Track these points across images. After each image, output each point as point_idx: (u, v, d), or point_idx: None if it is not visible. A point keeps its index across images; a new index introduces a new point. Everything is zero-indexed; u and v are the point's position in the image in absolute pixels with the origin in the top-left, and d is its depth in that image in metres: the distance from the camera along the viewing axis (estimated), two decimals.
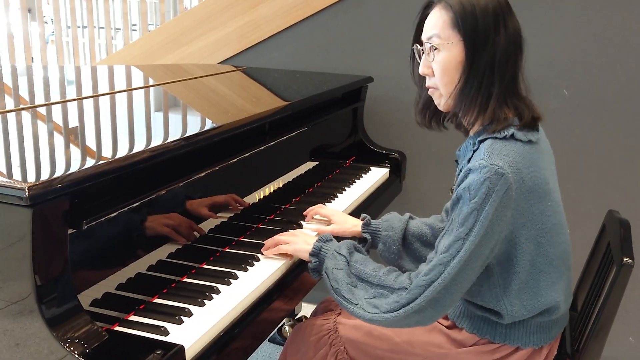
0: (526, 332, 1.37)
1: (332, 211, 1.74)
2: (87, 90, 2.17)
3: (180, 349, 1.09)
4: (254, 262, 1.48)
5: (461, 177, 1.27)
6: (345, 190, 2.05)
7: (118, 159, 1.20)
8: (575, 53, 2.25)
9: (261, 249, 1.53)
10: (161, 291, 1.32)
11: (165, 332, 1.16)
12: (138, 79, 2.44)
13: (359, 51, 2.55)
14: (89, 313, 1.11)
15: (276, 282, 1.45)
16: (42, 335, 1.03)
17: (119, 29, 4.98)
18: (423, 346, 1.44)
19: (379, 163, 2.34)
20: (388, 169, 2.32)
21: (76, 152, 1.33)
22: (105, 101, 1.87)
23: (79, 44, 4.71)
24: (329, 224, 1.70)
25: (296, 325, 1.61)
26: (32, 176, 1.10)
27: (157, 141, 1.39)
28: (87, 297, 1.19)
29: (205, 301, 1.28)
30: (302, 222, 1.75)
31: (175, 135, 1.49)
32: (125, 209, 1.22)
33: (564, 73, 2.27)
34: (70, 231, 1.09)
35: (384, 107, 2.55)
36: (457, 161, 1.45)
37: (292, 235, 1.52)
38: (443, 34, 1.29)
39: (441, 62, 1.30)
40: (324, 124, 2.18)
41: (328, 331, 1.49)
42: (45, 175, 1.09)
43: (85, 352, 1.03)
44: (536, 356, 1.40)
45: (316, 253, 1.43)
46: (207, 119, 1.76)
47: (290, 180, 1.93)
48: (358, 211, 1.78)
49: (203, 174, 1.47)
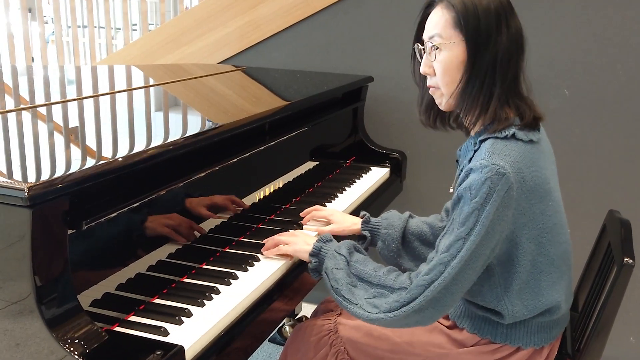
0: (527, 332, 1.37)
1: (330, 211, 1.73)
2: (88, 90, 2.17)
3: (180, 350, 1.09)
4: (254, 263, 1.48)
5: (462, 177, 1.26)
6: (345, 190, 2.05)
7: (118, 159, 1.20)
8: (575, 53, 2.25)
9: (261, 249, 1.52)
10: (161, 291, 1.32)
11: (165, 333, 1.16)
12: (138, 79, 2.43)
13: (359, 51, 2.54)
14: (89, 313, 1.11)
15: (276, 283, 1.45)
16: (42, 335, 1.03)
17: (119, 29, 4.98)
18: (424, 346, 1.43)
19: (380, 163, 2.34)
20: (388, 169, 2.31)
21: (76, 152, 1.33)
22: (105, 101, 1.87)
23: (79, 44, 4.70)
24: (329, 224, 1.70)
25: (296, 325, 1.61)
26: (32, 176, 1.09)
27: (157, 141, 1.38)
28: (87, 298, 1.19)
29: (205, 301, 1.28)
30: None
31: (175, 135, 1.49)
32: (125, 209, 1.22)
33: (564, 73, 2.27)
34: (70, 231, 1.08)
35: (384, 107, 2.55)
36: (458, 161, 1.45)
37: (292, 235, 1.52)
38: (445, 34, 1.28)
39: (442, 62, 1.30)
40: (324, 124, 2.18)
41: (328, 331, 1.49)
42: (44, 175, 1.09)
43: (85, 353, 1.03)
44: (537, 356, 1.40)
45: (316, 253, 1.42)
46: (207, 119, 1.75)
47: (290, 180, 1.93)
48: (358, 211, 1.77)
49: (203, 174, 1.47)
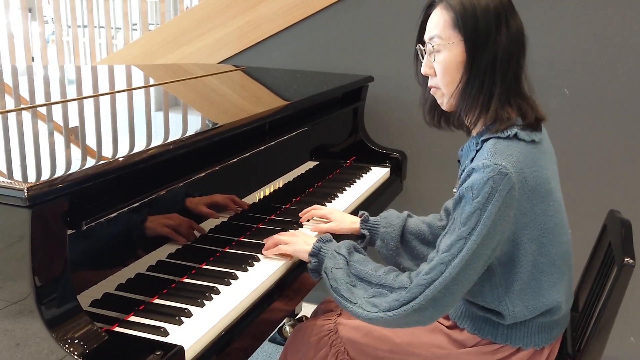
0: (527, 333, 1.37)
1: (329, 210, 1.73)
2: (88, 90, 2.17)
3: (180, 350, 1.09)
4: (254, 263, 1.48)
5: (464, 177, 1.26)
6: (345, 190, 2.04)
7: (117, 160, 1.20)
8: (575, 53, 2.25)
9: (262, 250, 1.52)
10: (161, 292, 1.32)
11: (165, 333, 1.16)
12: (138, 79, 2.43)
13: (359, 51, 2.54)
14: (89, 314, 1.10)
15: (276, 283, 1.45)
16: (42, 335, 1.02)
17: (120, 29, 4.98)
18: (424, 347, 1.43)
19: (380, 163, 2.33)
20: (388, 169, 2.31)
21: (76, 152, 1.33)
22: (105, 101, 1.86)
23: (80, 44, 4.71)
24: (328, 223, 1.70)
25: (296, 325, 1.61)
26: (32, 176, 1.09)
27: (157, 141, 1.38)
28: (87, 298, 1.19)
29: (205, 302, 1.28)
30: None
31: (175, 135, 1.49)
32: (124, 209, 1.22)
33: (565, 73, 2.27)
34: (69, 232, 1.08)
35: (385, 107, 2.54)
36: (460, 161, 1.44)
37: (292, 235, 1.52)
38: (444, 34, 1.29)
39: (442, 62, 1.30)
40: (325, 124, 2.18)
41: (328, 332, 1.49)
42: (44, 175, 1.09)
43: (84, 353, 1.03)
44: (537, 357, 1.40)
45: (316, 253, 1.42)
46: (208, 119, 1.75)
47: (290, 180, 1.93)
48: (359, 211, 1.77)
49: (203, 174, 1.47)
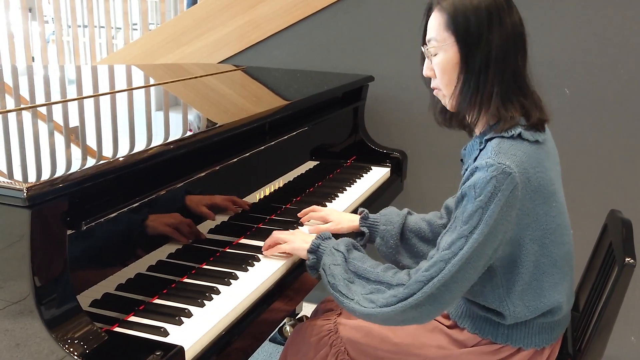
0: (528, 333, 1.37)
1: (328, 211, 1.73)
2: (88, 89, 2.17)
3: (180, 350, 1.09)
4: (254, 263, 1.48)
5: (467, 175, 1.26)
6: (346, 189, 2.04)
7: (117, 160, 1.20)
8: (575, 53, 2.24)
9: (262, 249, 1.52)
10: (161, 292, 1.32)
11: (165, 333, 1.16)
12: (138, 79, 2.43)
13: (360, 50, 2.54)
14: (89, 314, 1.10)
15: (276, 283, 1.45)
16: (43, 335, 1.02)
17: (120, 29, 4.98)
18: (424, 347, 1.43)
19: (380, 162, 2.33)
20: (389, 169, 2.31)
21: (75, 152, 1.32)
22: (105, 101, 1.86)
23: (80, 44, 4.71)
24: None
25: (296, 325, 1.60)
26: (31, 176, 1.09)
27: (157, 141, 1.38)
28: (87, 298, 1.18)
29: (205, 302, 1.28)
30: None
31: (175, 135, 1.49)
32: (124, 209, 1.22)
33: (565, 73, 2.27)
34: (69, 232, 1.08)
35: (385, 107, 2.54)
36: (463, 160, 1.44)
37: (290, 234, 1.52)
38: (439, 36, 1.30)
39: (439, 64, 1.31)
40: (325, 124, 2.18)
41: (328, 332, 1.49)
42: (44, 175, 1.08)
43: (84, 353, 1.03)
44: (538, 357, 1.39)
45: (314, 250, 1.42)
46: (208, 119, 1.75)
47: (290, 179, 1.93)
48: (360, 208, 1.77)
49: (203, 174, 1.47)
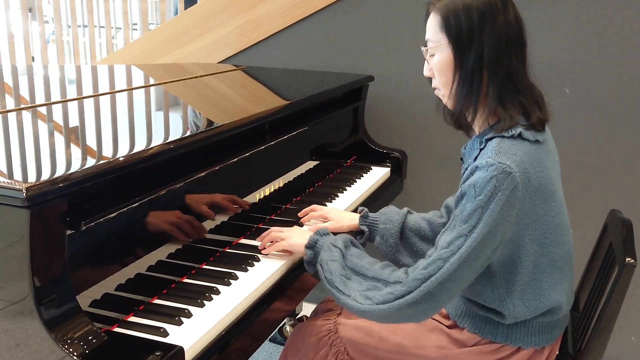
0: (528, 333, 1.37)
1: (328, 209, 1.73)
2: (88, 89, 2.17)
3: (179, 350, 1.09)
4: (254, 263, 1.48)
5: (467, 175, 1.26)
6: (346, 189, 2.04)
7: (116, 160, 1.20)
8: (576, 52, 2.24)
9: (258, 247, 1.53)
10: (161, 292, 1.31)
11: (164, 333, 1.15)
12: (138, 79, 2.43)
13: (360, 50, 2.54)
14: (88, 314, 1.10)
15: (276, 283, 1.45)
16: (43, 335, 1.02)
17: (120, 28, 4.98)
18: (424, 346, 1.43)
19: (380, 162, 2.33)
20: (389, 168, 2.31)
21: (75, 153, 1.32)
22: (105, 101, 1.86)
23: (80, 43, 4.70)
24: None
25: (296, 325, 1.60)
26: (30, 177, 1.09)
27: (157, 141, 1.38)
28: (86, 298, 1.18)
29: (204, 302, 1.28)
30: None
31: (175, 135, 1.49)
32: (124, 209, 1.22)
33: (565, 72, 2.26)
34: (68, 232, 1.08)
35: (385, 106, 2.54)
36: (462, 159, 1.44)
37: (288, 230, 1.53)
38: (434, 38, 1.31)
39: (436, 64, 1.32)
40: (325, 123, 2.17)
41: (328, 332, 1.49)
42: (43, 175, 1.08)
43: (84, 354, 1.03)
44: (538, 356, 1.39)
45: (312, 245, 1.43)
46: (208, 119, 1.75)
47: (290, 179, 1.93)
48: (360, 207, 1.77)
49: (203, 174, 1.47)
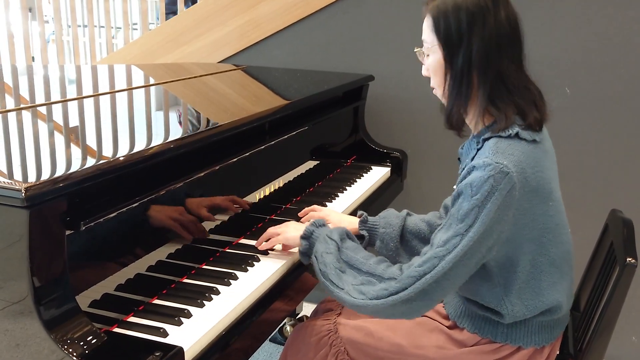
0: (528, 332, 1.37)
1: (327, 212, 1.73)
2: (88, 89, 2.17)
3: (179, 351, 1.08)
4: (254, 263, 1.47)
5: (464, 174, 1.26)
6: (346, 189, 2.04)
7: (115, 160, 1.20)
8: (576, 52, 2.24)
9: (255, 244, 1.53)
10: (160, 292, 1.31)
11: (164, 334, 1.15)
12: (138, 78, 2.43)
13: (360, 50, 2.54)
14: (88, 314, 1.10)
15: (276, 283, 1.45)
16: (43, 335, 1.02)
17: (120, 28, 4.97)
18: (424, 347, 1.43)
19: (380, 162, 2.33)
20: (389, 168, 2.31)
21: (74, 152, 1.32)
22: (105, 100, 1.86)
23: (80, 43, 4.70)
24: None
25: (296, 325, 1.60)
26: (30, 177, 1.09)
27: (157, 141, 1.38)
28: (86, 298, 1.18)
29: (204, 302, 1.28)
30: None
31: (175, 134, 1.48)
32: (124, 209, 1.21)
33: (566, 72, 2.26)
34: (68, 232, 1.08)
35: (385, 106, 2.54)
36: (460, 159, 1.44)
37: (283, 225, 1.54)
38: (428, 39, 1.33)
39: (430, 65, 1.34)
40: (325, 123, 2.17)
41: (328, 332, 1.49)
42: (42, 175, 1.08)
43: (83, 354, 1.02)
44: (538, 356, 1.39)
45: (307, 236, 1.44)
46: (208, 118, 1.75)
47: (291, 179, 1.92)
48: (359, 210, 1.76)
49: (203, 174, 1.46)
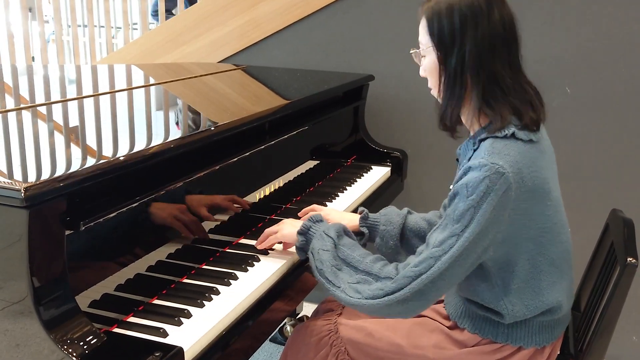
0: (528, 332, 1.37)
1: (327, 210, 1.72)
2: (88, 89, 2.17)
3: (179, 351, 1.08)
4: (254, 263, 1.47)
5: (460, 174, 1.27)
6: (346, 189, 2.04)
7: (115, 159, 1.20)
8: (577, 51, 2.24)
9: (254, 244, 1.53)
10: (160, 292, 1.31)
11: (164, 334, 1.15)
12: (138, 78, 2.43)
13: (360, 49, 2.53)
14: (88, 314, 1.10)
15: (276, 283, 1.45)
16: (43, 335, 1.02)
17: (120, 28, 4.97)
18: (424, 347, 1.42)
19: (381, 162, 2.32)
20: (389, 168, 2.30)
21: (74, 152, 1.32)
22: (105, 100, 1.86)
23: (80, 43, 4.70)
24: None
25: (297, 325, 1.60)
26: (29, 177, 1.09)
27: (157, 140, 1.38)
28: (86, 299, 1.18)
29: (204, 302, 1.28)
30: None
31: (175, 134, 1.48)
32: (123, 209, 1.21)
33: (567, 71, 2.26)
34: (67, 232, 1.08)
35: (385, 106, 2.54)
36: (458, 160, 1.44)
37: (280, 223, 1.54)
38: (423, 40, 1.33)
39: (425, 66, 1.35)
40: (325, 123, 2.17)
41: (329, 332, 1.48)
42: (42, 175, 1.08)
43: (83, 354, 1.02)
44: (539, 356, 1.39)
45: (304, 232, 1.44)
46: (208, 118, 1.75)
47: (291, 179, 1.92)
48: (360, 207, 1.77)
49: (203, 174, 1.46)
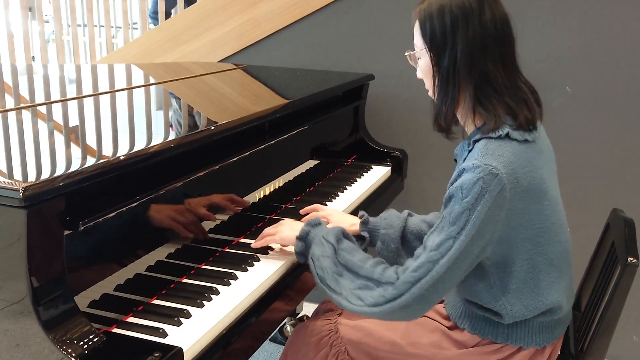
0: (528, 332, 1.36)
1: (329, 211, 1.73)
2: (88, 89, 2.16)
3: (178, 351, 1.08)
4: (254, 263, 1.47)
5: (454, 176, 1.27)
6: (346, 189, 2.03)
7: (114, 159, 1.19)
8: (578, 50, 2.23)
9: (251, 245, 1.53)
10: (160, 292, 1.31)
11: (163, 334, 1.15)
12: (138, 78, 2.42)
13: (360, 49, 2.53)
14: (87, 315, 1.10)
15: (276, 283, 1.44)
16: (42, 336, 1.02)
17: (120, 28, 4.97)
18: (424, 347, 1.42)
19: (381, 161, 2.32)
20: (390, 168, 2.30)
21: (74, 152, 1.32)
22: (105, 100, 1.86)
23: (80, 43, 4.71)
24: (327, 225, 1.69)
25: (297, 325, 1.60)
26: (29, 176, 1.08)
27: (157, 140, 1.37)
28: (85, 299, 1.18)
29: (204, 302, 1.27)
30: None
31: (174, 134, 1.48)
32: (123, 209, 1.21)
33: (567, 71, 2.26)
34: (66, 232, 1.07)
35: (386, 105, 2.53)
36: (456, 160, 1.44)
37: (279, 224, 1.53)
38: (418, 42, 1.34)
39: (420, 69, 1.36)
40: (325, 122, 2.17)
41: (329, 332, 1.48)
42: (40, 175, 1.08)
43: (82, 354, 1.02)
44: (539, 356, 1.39)
45: (303, 237, 1.44)
46: (207, 118, 1.74)
47: (291, 179, 1.92)
48: (359, 210, 1.76)
49: (202, 173, 1.46)
